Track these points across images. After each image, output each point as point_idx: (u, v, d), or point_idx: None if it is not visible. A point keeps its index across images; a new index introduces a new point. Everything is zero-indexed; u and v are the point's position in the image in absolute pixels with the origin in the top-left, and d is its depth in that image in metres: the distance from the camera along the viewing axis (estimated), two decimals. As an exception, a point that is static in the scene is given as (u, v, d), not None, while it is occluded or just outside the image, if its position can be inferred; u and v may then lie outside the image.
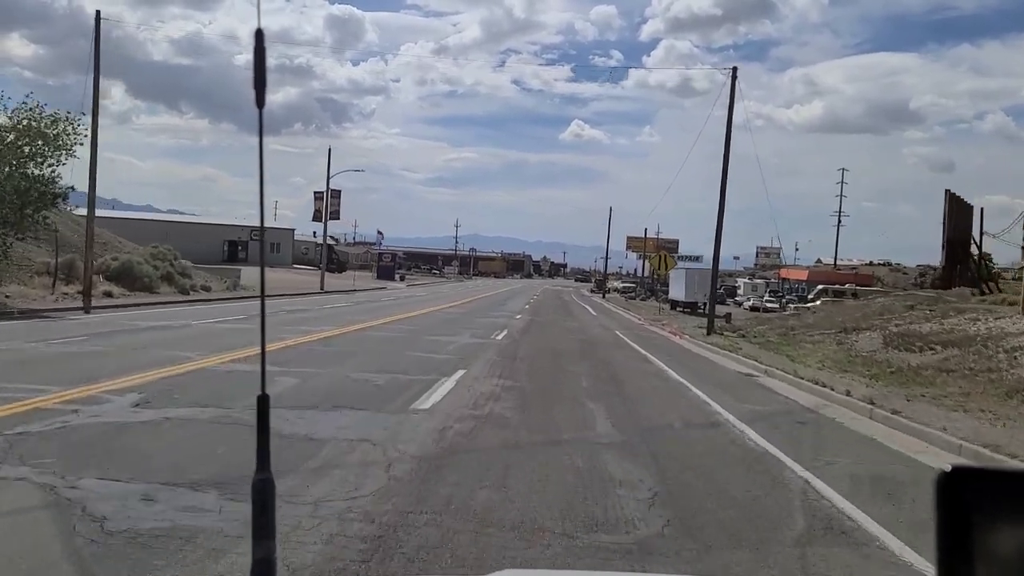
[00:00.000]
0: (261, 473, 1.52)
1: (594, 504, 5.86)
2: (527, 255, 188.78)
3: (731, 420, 10.31)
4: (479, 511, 5.49)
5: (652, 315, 42.13)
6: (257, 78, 1.38)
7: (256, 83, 1.38)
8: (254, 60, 1.39)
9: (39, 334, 15.34)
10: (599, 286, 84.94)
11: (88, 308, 21.98)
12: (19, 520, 5.05)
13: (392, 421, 8.62)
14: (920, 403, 12.13)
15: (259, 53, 1.39)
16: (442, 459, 7.06)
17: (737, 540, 5.29)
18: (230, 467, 6.05)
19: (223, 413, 8.21)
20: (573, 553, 4.78)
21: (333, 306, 31.04)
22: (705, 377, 15.84)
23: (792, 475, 7.30)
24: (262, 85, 1.38)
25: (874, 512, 6.06)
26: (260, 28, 1.39)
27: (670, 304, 57.61)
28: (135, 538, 4.54)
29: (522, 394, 11.55)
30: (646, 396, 12.70)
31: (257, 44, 1.39)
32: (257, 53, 1.39)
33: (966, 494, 0.87)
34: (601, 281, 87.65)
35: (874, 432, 10.15)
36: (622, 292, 77.53)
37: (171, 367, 11.33)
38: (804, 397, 13.25)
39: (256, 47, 1.39)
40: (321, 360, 13.47)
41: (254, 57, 1.39)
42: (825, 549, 5.23)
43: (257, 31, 1.40)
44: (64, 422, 7.43)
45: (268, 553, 1.51)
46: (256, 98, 1.38)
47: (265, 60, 1.39)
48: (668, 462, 7.54)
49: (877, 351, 19.90)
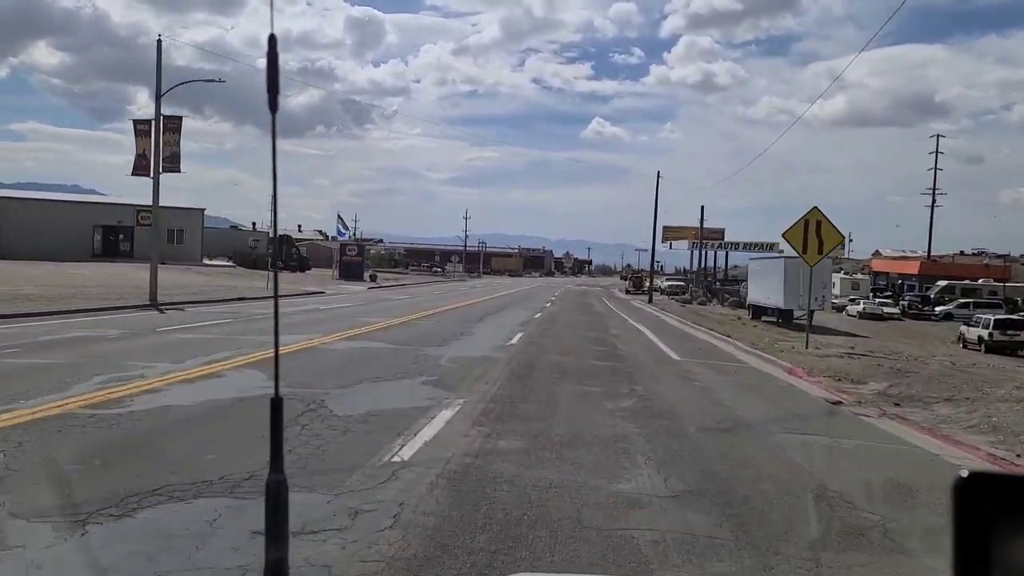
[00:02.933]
0: (275, 474, 1.51)
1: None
2: (547, 251, 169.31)
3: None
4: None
5: (758, 336, 23.36)
6: (270, 83, 1.41)
7: (269, 88, 1.40)
8: (267, 65, 1.41)
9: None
10: (637, 285, 65.89)
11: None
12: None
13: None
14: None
15: (272, 58, 1.41)
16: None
17: None
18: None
19: None
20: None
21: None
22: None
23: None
24: (275, 90, 1.41)
25: None
26: (273, 34, 1.41)
27: (749, 311, 38.62)
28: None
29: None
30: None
31: (270, 49, 1.41)
32: (271, 58, 1.41)
33: (984, 500, 0.84)
34: (639, 279, 68.52)
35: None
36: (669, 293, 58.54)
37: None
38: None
39: (269, 52, 1.41)
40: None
41: (267, 62, 1.41)
42: None
43: (270, 36, 1.41)
44: None
45: (281, 553, 1.51)
46: (269, 102, 1.40)
47: (278, 65, 1.41)
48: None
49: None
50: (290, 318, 21.13)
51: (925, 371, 17.02)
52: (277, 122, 1.42)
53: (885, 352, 21.88)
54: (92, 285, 28.27)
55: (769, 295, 35.29)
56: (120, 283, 29.79)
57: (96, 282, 29.97)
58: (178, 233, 49.47)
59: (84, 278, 31.51)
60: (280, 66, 1.43)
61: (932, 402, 11.95)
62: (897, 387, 13.44)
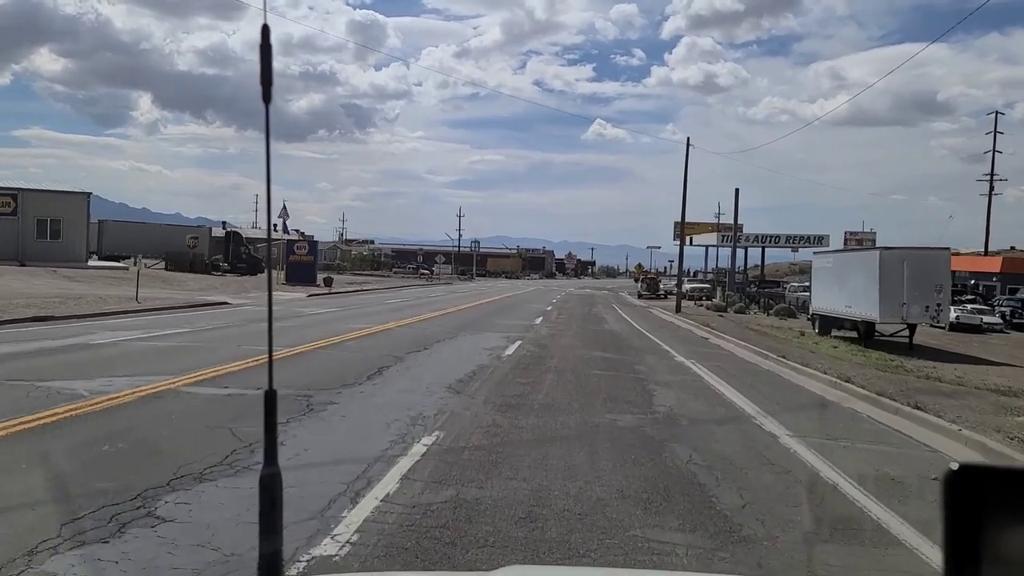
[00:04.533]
0: (269, 467, 1.49)
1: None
2: (548, 251, 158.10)
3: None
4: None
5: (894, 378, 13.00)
6: (264, 74, 1.39)
7: (263, 79, 1.39)
8: (260, 56, 1.39)
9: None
10: (651, 288, 55.40)
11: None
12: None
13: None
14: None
15: (265, 49, 1.39)
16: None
17: None
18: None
19: None
20: None
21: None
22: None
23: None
24: (268, 81, 1.39)
25: None
26: (266, 24, 1.39)
27: (815, 323, 28.40)
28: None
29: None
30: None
31: (264, 40, 1.39)
32: (263, 49, 1.39)
33: (974, 493, 0.83)
34: (654, 281, 57.94)
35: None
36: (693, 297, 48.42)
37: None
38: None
39: (263, 43, 1.39)
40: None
41: (260, 53, 1.39)
42: None
43: (264, 27, 1.39)
44: None
45: (276, 546, 1.49)
46: (263, 93, 1.39)
47: (271, 56, 1.39)
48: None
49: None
50: (95, 352, 12.29)
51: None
52: (270, 113, 1.41)
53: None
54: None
55: (851, 302, 25.02)
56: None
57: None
58: (52, 225, 38.57)
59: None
60: (279, 69, 1.39)
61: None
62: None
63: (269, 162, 1.43)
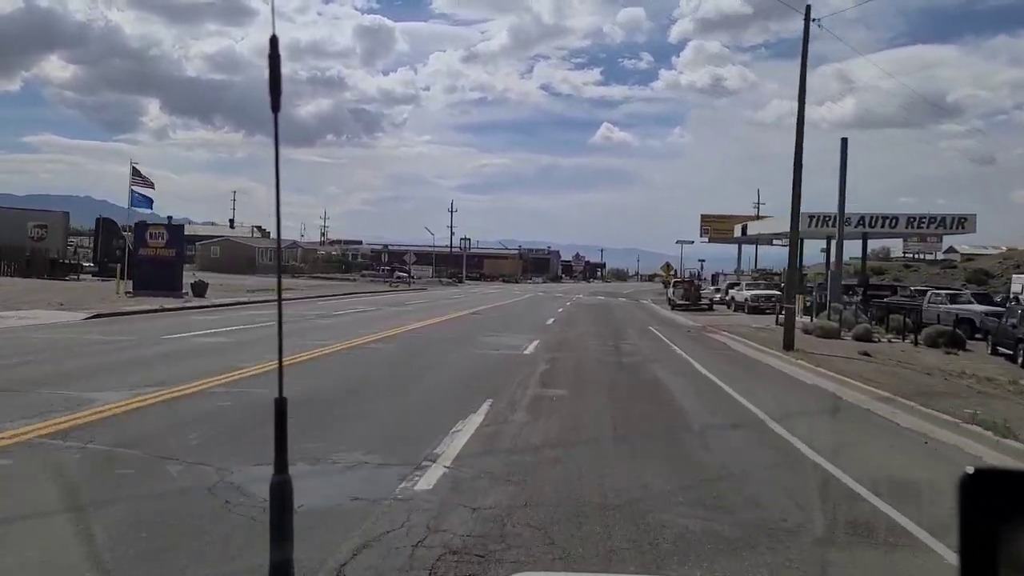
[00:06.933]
0: (279, 475, 1.47)
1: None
2: (553, 251, 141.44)
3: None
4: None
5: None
6: (272, 83, 1.41)
7: (271, 88, 1.41)
8: (269, 65, 1.40)
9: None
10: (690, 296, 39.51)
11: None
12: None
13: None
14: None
15: (274, 59, 1.40)
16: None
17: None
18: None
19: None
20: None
21: None
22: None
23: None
24: (277, 90, 1.41)
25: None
26: (275, 34, 1.41)
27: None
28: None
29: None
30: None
31: (272, 50, 1.40)
32: (272, 59, 1.40)
33: (990, 497, 0.82)
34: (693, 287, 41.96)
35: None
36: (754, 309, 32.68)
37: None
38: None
39: (271, 53, 1.40)
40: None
41: (269, 63, 1.40)
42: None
43: (272, 37, 1.41)
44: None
45: (287, 555, 1.46)
46: (271, 103, 1.41)
47: (280, 65, 1.41)
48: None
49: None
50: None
51: None
52: (279, 122, 1.41)
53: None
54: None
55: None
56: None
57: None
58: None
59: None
60: (288, 74, 1.44)
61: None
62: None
63: (278, 169, 1.45)
